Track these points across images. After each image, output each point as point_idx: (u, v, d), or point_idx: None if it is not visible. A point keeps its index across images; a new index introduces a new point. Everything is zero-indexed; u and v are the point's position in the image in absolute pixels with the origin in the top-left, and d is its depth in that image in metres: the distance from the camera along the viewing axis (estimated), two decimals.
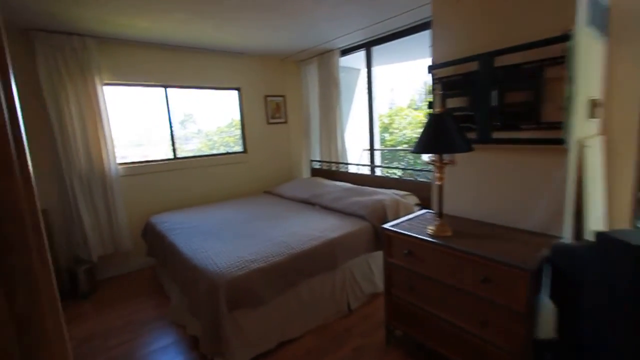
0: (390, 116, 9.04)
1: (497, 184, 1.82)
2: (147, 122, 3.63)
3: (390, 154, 6.49)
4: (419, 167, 3.42)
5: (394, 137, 8.94)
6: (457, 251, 1.58)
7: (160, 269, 2.96)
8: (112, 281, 3.18)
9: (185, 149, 3.98)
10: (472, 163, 1.89)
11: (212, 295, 1.76)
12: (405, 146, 8.50)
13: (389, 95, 10.88)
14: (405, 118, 8.94)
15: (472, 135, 1.77)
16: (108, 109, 3.07)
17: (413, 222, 2.00)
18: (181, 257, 2.18)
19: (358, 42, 3.60)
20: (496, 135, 1.71)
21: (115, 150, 3.13)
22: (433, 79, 1.98)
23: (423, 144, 1.64)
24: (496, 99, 1.66)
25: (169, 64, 3.49)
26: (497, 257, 1.43)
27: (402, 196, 2.92)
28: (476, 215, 1.93)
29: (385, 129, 8.88)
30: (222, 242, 2.29)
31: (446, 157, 1.69)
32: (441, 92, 1.92)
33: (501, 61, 1.63)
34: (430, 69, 1.95)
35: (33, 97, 2.77)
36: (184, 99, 3.83)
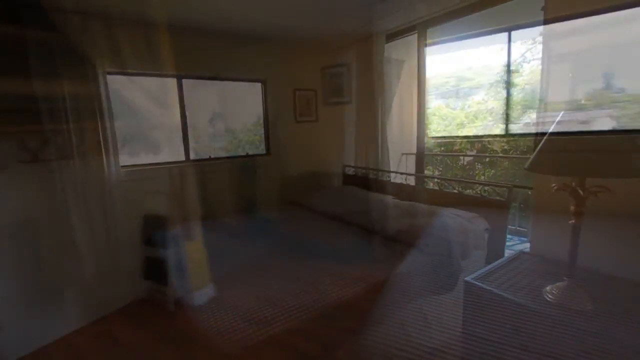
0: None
1: None
2: (156, 118, 3.15)
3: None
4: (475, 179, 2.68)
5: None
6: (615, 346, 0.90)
7: None
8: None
9: (214, 147, 3.54)
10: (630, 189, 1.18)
11: None
12: (441, 150, 7.65)
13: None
14: (444, 119, 8.09)
15: None
16: (111, 101, 2.61)
17: (509, 272, 1.33)
18: None
19: (410, 22, 2.92)
20: None
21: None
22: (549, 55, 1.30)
23: (550, 159, 0.98)
24: None
25: (184, 51, 2.97)
26: None
27: (467, 219, 2.21)
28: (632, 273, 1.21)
29: None
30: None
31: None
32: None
33: None
34: None
35: (22, 87, 2.34)
36: (211, 94, 3.37)
